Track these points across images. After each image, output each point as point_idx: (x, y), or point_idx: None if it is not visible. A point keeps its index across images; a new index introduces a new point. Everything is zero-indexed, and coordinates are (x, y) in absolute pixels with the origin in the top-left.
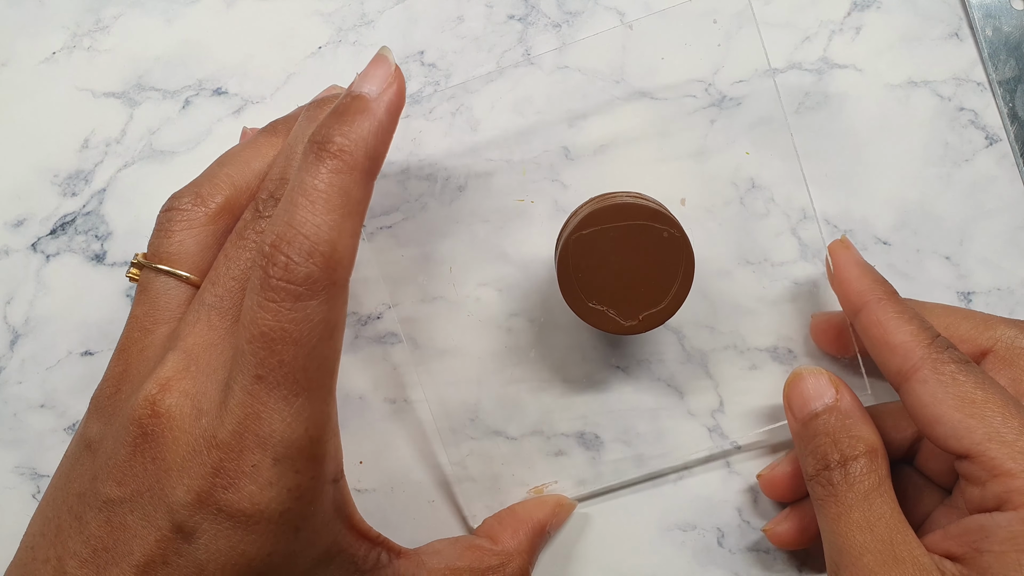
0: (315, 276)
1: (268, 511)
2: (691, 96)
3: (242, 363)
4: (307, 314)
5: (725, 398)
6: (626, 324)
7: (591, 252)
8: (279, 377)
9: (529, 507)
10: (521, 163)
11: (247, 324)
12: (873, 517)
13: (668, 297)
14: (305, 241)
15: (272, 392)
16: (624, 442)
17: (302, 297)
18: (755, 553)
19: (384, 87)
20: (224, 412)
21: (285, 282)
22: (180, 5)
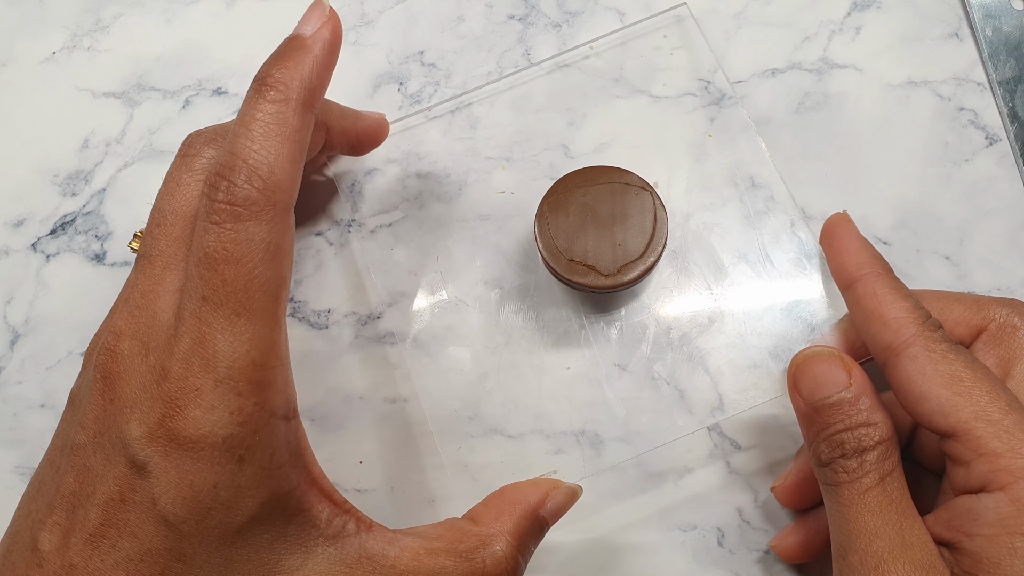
0: (253, 197)
1: (211, 435)
2: (691, 95)
3: (190, 288)
4: (248, 234)
5: (725, 398)
6: (608, 279)
7: (565, 214)
8: (221, 296)
9: (520, 488)
10: (520, 160)
11: (195, 249)
12: (886, 502)
13: (645, 249)
14: (244, 166)
15: (215, 311)
16: (624, 441)
17: (241, 218)
18: (755, 553)
19: (319, 26)
20: (173, 342)
21: (226, 204)
22: (180, 5)
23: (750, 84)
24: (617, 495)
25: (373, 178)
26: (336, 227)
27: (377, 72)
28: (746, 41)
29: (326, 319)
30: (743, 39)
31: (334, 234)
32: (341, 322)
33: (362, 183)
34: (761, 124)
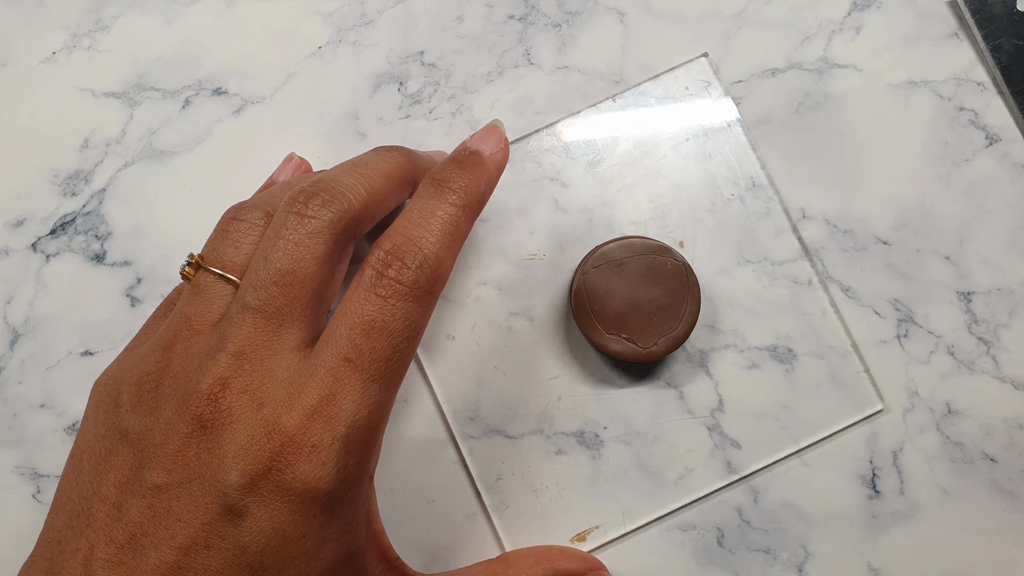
0: (421, 283)
1: (317, 489)
2: (691, 95)
3: (332, 346)
4: (406, 313)
5: (725, 398)
6: (644, 351)
7: (603, 286)
8: (366, 362)
9: (565, 553)
10: (519, 161)
11: (349, 313)
12: None
13: (680, 321)
14: (419, 252)
15: (355, 374)
16: (624, 442)
17: (406, 297)
18: (755, 553)
19: (495, 150)
20: (296, 397)
21: (396, 282)
22: (180, 5)
23: (750, 84)
24: (617, 495)
25: None
26: None
27: (377, 72)
28: (746, 41)
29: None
30: (743, 39)
31: None
32: None
33: None
34: (761, 124)
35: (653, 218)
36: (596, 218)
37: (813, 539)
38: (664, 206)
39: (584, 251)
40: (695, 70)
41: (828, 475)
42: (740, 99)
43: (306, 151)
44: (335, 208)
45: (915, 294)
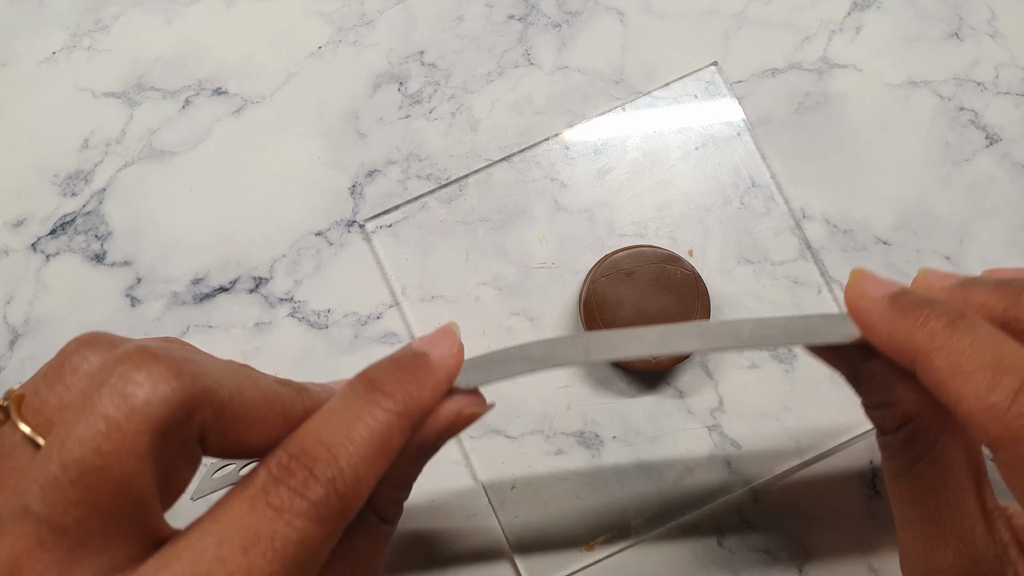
0: (331, 502)
1: None
2: (691, 95)
3: (187, 566)
4: (303, 535)
5: (725, 398)
6: (654, 360)
7: (613, 295)
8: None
9: None
10: (520, 163)
11: (223, 522)
12: (920, 478)
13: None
14: (334, 464)
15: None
16: (624, 442)
17: (307, 516)
18: (755, 553)
19: (447, 354)
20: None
21: (298, 495)
22: (180, 5)
23: (750, 84)
24: (618, 495)
25: (374, 179)
26: (336, 227)
27: (377, 72)
28: (746, 41)
29: (326, 319)
30: (743, 39)
31: (334, 234)
32: (341, 322)
33: (363, 184)
34: (761, 124)
35: (654, 219)
36: (597, 219)
37: (813, 539)
38: (674, 215)
39: (593, 260)
40: (705, 78)
41: (828, 476)
42: (740, 99)
43: (306, 151)
44: (147, 394)
45: None
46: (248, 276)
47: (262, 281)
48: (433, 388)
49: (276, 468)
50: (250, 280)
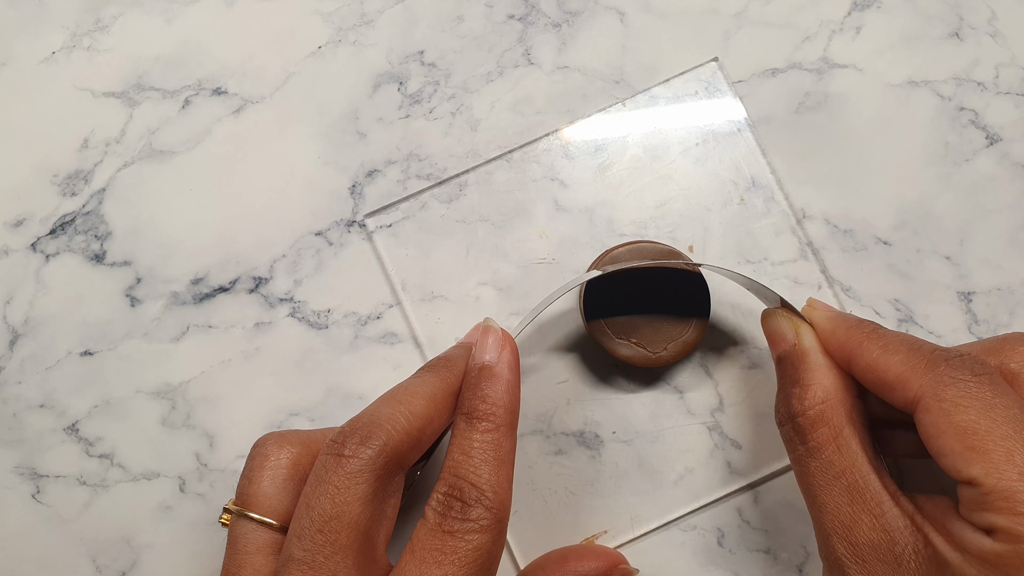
0: (486, 516)
1: None
2: (691, 95)
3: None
4: (477, 544)
5: (725, 397)
6: (654, 355)
7: (613, 291)
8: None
9: (580, 553)
10: (520, 162)
11: (418, 549)
12: (831, 476)
13: (690, 326)
14: (473, 489)
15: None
16: (624, 442)
17: (475, 531)
18: (755, 553)
19: (500, 351)
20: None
21: (461, 520)
22: (180, 5)
23: (750, 84)
24: (617, 496)
25: (374, 179)
26: (336, 227)
27: (377, 72)
28: (746, 41)
29: (326, 319)
30: (743, 39)
31: (334, 234)
32: (341, 322)
33: (363, 184)
34: (761, 124)
35: (654, 218)
36: (598, 218)
37: (813, 539)
38: (674, 213)
39: (593, 255)
40: (705, 74)
41: None
42: (740, 99)
43: (306, 151)
44: (374, 444)
45: (915, 294)
46: (248, 276)
47: (262, 281)
48: (507, 389)
49: (438, 506)
50: (250, 280)
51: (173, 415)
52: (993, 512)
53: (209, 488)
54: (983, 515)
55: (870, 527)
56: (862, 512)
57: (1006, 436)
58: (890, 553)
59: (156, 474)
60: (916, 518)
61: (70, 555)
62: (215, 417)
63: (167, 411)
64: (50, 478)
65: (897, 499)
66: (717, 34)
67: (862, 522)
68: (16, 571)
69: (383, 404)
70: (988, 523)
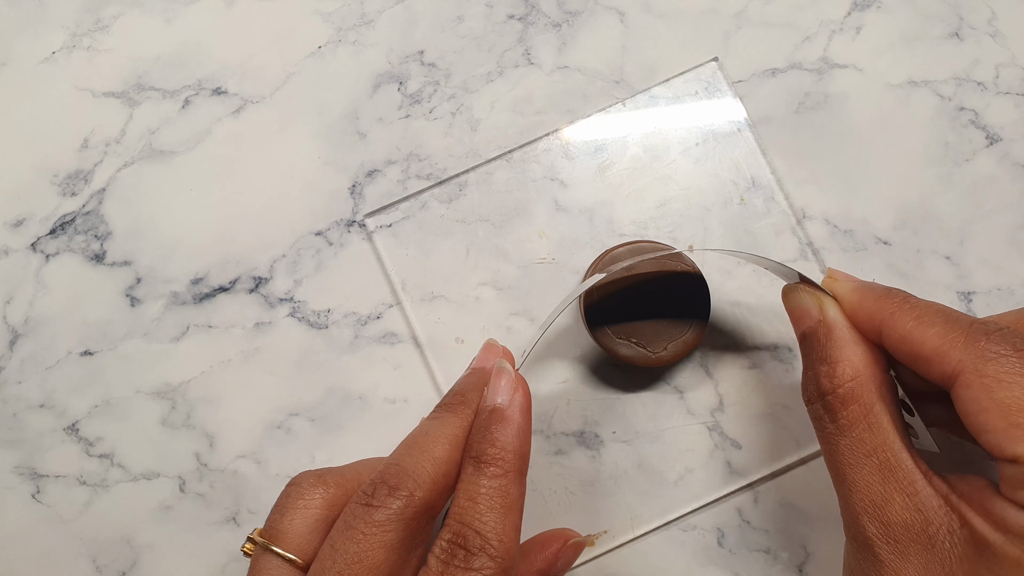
0: (491, 567)
1: None
2: (691, 95)
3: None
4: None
5: (725, 397)
6: (654, 355)
7: (614, 292)
8: None
9: (535, 545)
10: (520, 161)
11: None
12: (861, 455)
13: (690, 326)
14: (476, 536)
15: None
16: (624, 442)
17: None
18: (755, 553)
19: (512, 394)
20: None
21: (464, 570)
22: (180, 5)
23: (750, 84)
24: (617, 496)
25: (374, 179)
26: (336, 227)
27: (377, 72)
28: (746, 41)
29: (326, 319)
30: (743, 39)
31: (334, 234)
32: (341, 322)
33: (363, 184)
34: (761, 124)
35: (654, 218)
36: (598, 218)
37: (813, 539)
38: (674, 213)
39: (593, 255)
40: (705, 74)
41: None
42: (740, 99)
43: (306, 151)
44: (401, 495)
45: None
46: (248, 276)
47: (262, 281)
48: (518, 433)
49: (441, 554)
50: (250, 280)
51: (173, 415)
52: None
53: (209, 488)
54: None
55: (903, 506)
56: (894, 491)
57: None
58: (924, 533)
59: (156, 474)
60: (951, 498)
61: (70, 555)
62: (215, 417)
63: (167, 411)
64: (50, 478)
65: (930, 478)
66: (717, 34)
67: (894, 501)
68: (16, 571)
69: (406, 453)
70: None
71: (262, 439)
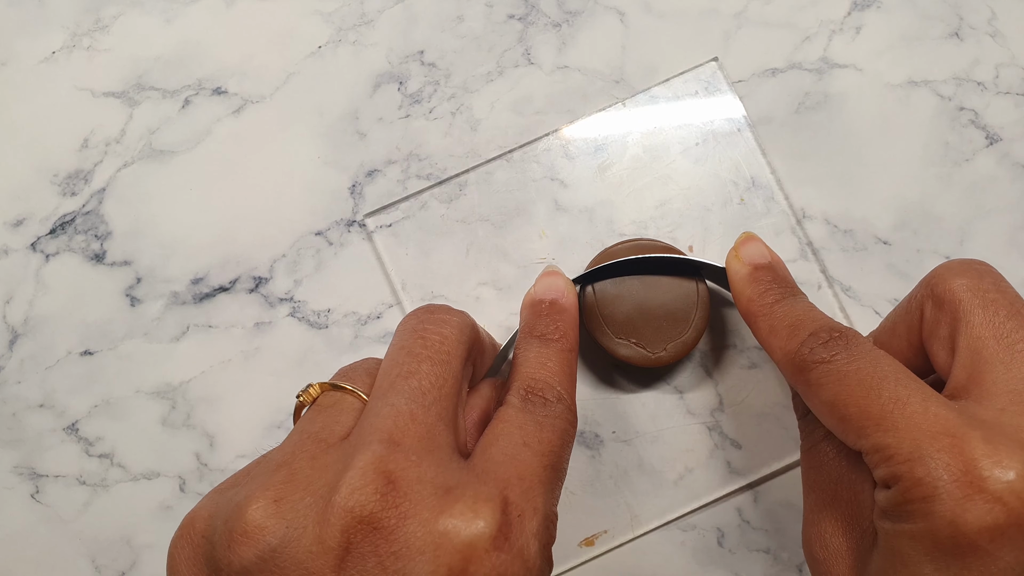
0: (564, 412)
1: (535, 566)
2: (691, 94)
3: (507, 440)
4: (561, 431)
5: (725, 398)
6: (653, 356)
7: (612, 290)
8: (545, 448)
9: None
10: (520, 161)
11: (510, 424)
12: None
13: (690, 327)
14: (551, 390)
15: (537, 459)
16: (624, 442)
17: (558, 418)
18: (755, 553)
19: (566, 293)
20: (486, 478)
21: (543, 412)
22: (180, 5)
23: (750, 84)
24: (617, 496)
25: (374, 179)
26: (336, 227)
27: (377, 72)
28: (746, 41)
29: (326, 319)
30: (743, 39)
31: (334, 234)
32: (341, 322)
33: (363, 184)
34: (761, 124)
35: (654, 218)
36: (598, 218)
37: None
38: (674, 212)
39: (593, 255)
40: (705, 74)
41: None
42: (740, 99)
43: (306, 151)
44: (453, 323)
45: None
46: (248, 276)
47: (262, 281)
48: (574, 321)
49: (521, 399)
50: (250, 280)
51: (173, 415)
52: (876, 468)
53: (209, 488)
54: (877, 472)
55: (843, 512)
56: (842, 500)
57: (865, 395)
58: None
59: (156, 474)
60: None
61: (70, 555)
62: (215, 417)
63: (167, 411)
64: (50, 478)
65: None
66: (717, 34)
67: (839, 507)
68: (16, 571)
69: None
70: (881, 478)
71: (262, 439)
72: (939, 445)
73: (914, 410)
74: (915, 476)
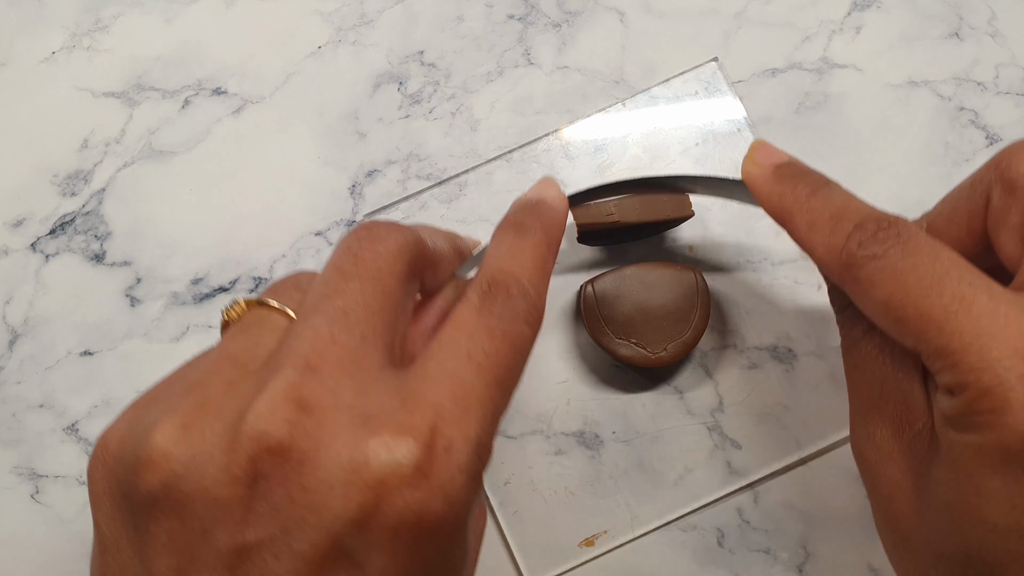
0: (529, 311)
1: (457, 498)
2: (691, 95)
3: (450, 350)
4: (520, 332)
5: (725, 398)
6: (654, 356)
7: (612, 290)
8: (491, 363)
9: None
10: (520, 161)
11: (461, 324)
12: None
13: (690, 327)
14: (516, 284)
15: (480, 375)
16: (624, 442)
17: (516, 320)
18: (755, 553)
19: (557, 196)
20: (413, 401)
21: (505, 309)
22: (180, 5)
23: (750, 84)
24: (617, 496)
25: (374, 179)
26: (336, 227)
27: (377, 72)
28: (746, 41)
29: None
30: (743, 39)
31: (334, 234)
32: None
33: (363, 184)
34: (761, 124)
35: None
36: None
37: (813, 539)
38: None
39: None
40: (705, 74)
41: (828, 475)
42: (740, 99)
43: (306, 151)
44: (391, 239)
45: None
46: (248, 276)
47: (262, 281)
48: (558, 221)
49: (480, 295)
50: (250, 280)
51: None
52: (939, 374)
53: None
54: (940, 378)
55: (894, 405)
56: (891, 394)
57: (924, 294)
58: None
59: None
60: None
61: (70, 555)
62: None
63: None
64: (49, 478)
65: (929, 390)
66: (717, 34)
67: (888, 403)
68: (15, 571)
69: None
70: (945, 385)
71: None
72: (1009, 350)
73: (980, 311)
74: (983, 385)
